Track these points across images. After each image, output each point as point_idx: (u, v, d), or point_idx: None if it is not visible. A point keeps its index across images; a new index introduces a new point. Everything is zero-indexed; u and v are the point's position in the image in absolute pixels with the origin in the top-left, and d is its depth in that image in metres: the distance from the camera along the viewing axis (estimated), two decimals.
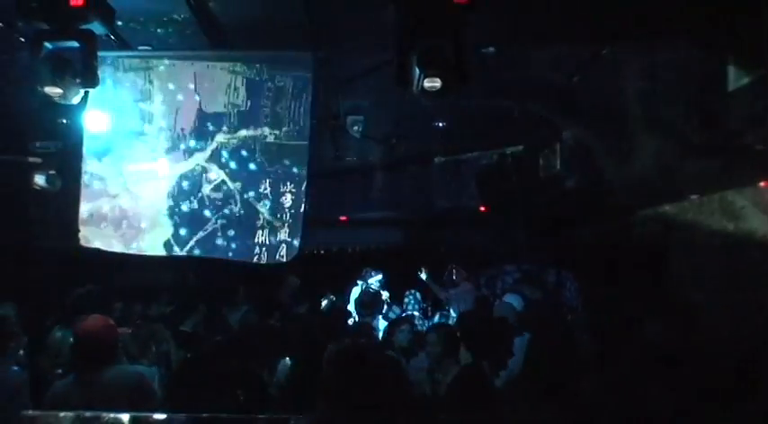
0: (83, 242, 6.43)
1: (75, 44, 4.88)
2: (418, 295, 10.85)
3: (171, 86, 6.41)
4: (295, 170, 6.37)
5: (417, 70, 4.64)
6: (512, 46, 6.22)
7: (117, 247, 6.47)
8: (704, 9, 5.45)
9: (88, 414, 4.30)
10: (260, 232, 6.38)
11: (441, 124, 8.96)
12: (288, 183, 6.37)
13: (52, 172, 8.41)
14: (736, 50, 6.06)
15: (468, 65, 4.74)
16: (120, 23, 5.39)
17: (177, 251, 6.45)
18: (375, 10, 4.82)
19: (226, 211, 6.39)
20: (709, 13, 5.51)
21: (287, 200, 6.36)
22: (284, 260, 6.42)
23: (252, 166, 6.39)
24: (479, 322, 6.76)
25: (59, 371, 6.12)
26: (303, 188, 6.36)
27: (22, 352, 6.46)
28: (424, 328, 8.81)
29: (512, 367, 5.93)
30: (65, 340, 6.32)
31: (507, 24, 5.74)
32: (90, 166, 6.48)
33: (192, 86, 6.40)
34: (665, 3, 5.33)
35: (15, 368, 5.81)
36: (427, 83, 4.62)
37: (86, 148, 6.50)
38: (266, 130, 6.39)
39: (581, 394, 4.95)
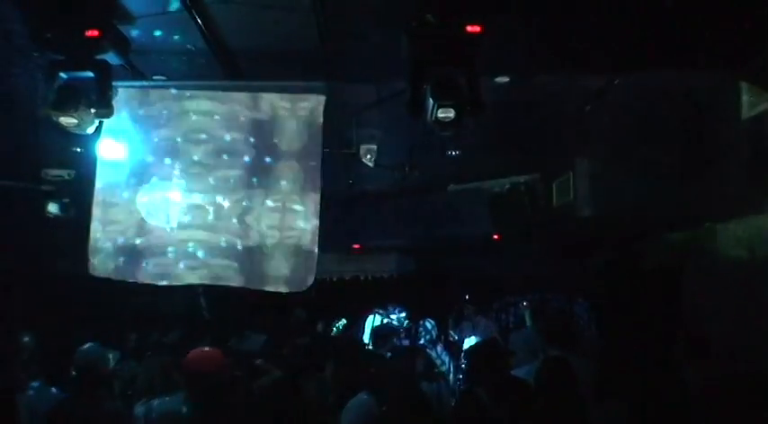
0: (92, 271, 6.41)
1: (90, 74, 4.90)
2: (428, 324, 10.80)
3: (185, 116, 6.42)
4: (309, 198, 6.35)
5: (431, 100, 4.64)
6: (525, 75, 6.21)
7: (127, 276, 6.44)
8: (719, 36, 5.44)
9: None
10: (274, 261, 6.35)
11: (454, 152, 8.95)
12: (302, 212, 6.36)
13: (66, 200, 8.43)
14: (751, 77, 6.05)
15: (481, 94, 4.74)
16: (134, 54, 5.40)
17: (191, 279, 6.43)
18: (388, 39, 4.82)
19: (239, 240, 6.37)
20: (724, 40, 5.50)
21: (302, 229, 6.34)
22: (299, 288, 6.39)
23: (264, 196, 6.38)
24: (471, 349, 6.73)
25: None
26: (317, 216, 6.34)
27: None
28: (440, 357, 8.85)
29: None
30: None
31: (520, 53, 5.73)
32: (102, 195, 6.47)
33: (205, 116, 6.41)
34: (679, 31, 5.32)
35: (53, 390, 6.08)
36: (441, 114, 4.61)
37: (99, 176, 6.50)
38: (281, 159, 6.39)
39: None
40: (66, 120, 4.93)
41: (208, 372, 4.88)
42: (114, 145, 6.33)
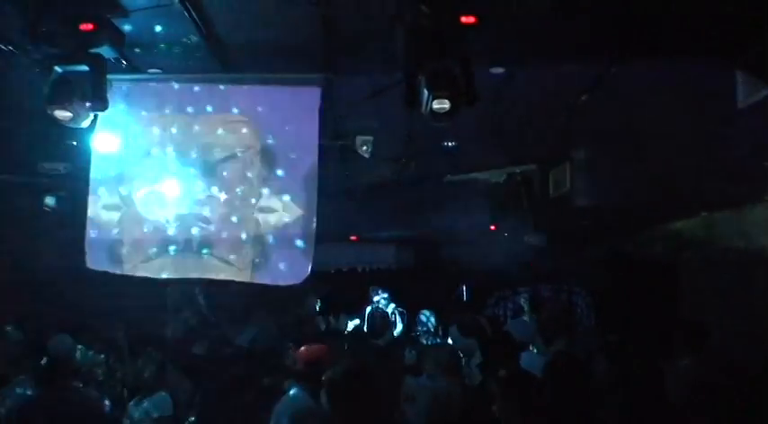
0: (90, 265, 6.40)
1: (85, 68, 4.90)
2: (422, 317, 10.79)
3: (181, 109, 6.41)
4: (305, 190, 6.35)
5: (426, 91, 4.63)
6: (520, 65, 6.20)
7: (124, 270, 6.44)
8: (715, 25, 5.43)
9: None
10: (271, 253, 6.35)
11: (450, 143, 8.93)
12: (299, 203, 6.35)
13: (62, 193, 8.44)
14: (747, 66, 6.03)
15: (476, 85, 4.73)
16: (129, 47, 5.38)
17: (188, 273, 6.43)
18: (384, 31, 4.81)
19: (235, 233, 6.37)
20: (721, 28, 5.49)
21: (298, 221, 6.34)
22: (296, 280, 6.39)
23: (261, 188, 6.38)
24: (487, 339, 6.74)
25: None
26: (313, 207, 6.34)
27: None
28: None
29: None
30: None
31: (516, 44, 5.72)
32: (98, 188, 6.46)
33: (201, 108, 6.41)
34: (675, 19, 5.31)
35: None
36: (436, 105, 4.62)
37: (95, 170, 6.49)
38: (277, 151, 6.39)
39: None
40: (61, 114, 4.95)
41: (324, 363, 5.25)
42: (109, 138, 6.34)
